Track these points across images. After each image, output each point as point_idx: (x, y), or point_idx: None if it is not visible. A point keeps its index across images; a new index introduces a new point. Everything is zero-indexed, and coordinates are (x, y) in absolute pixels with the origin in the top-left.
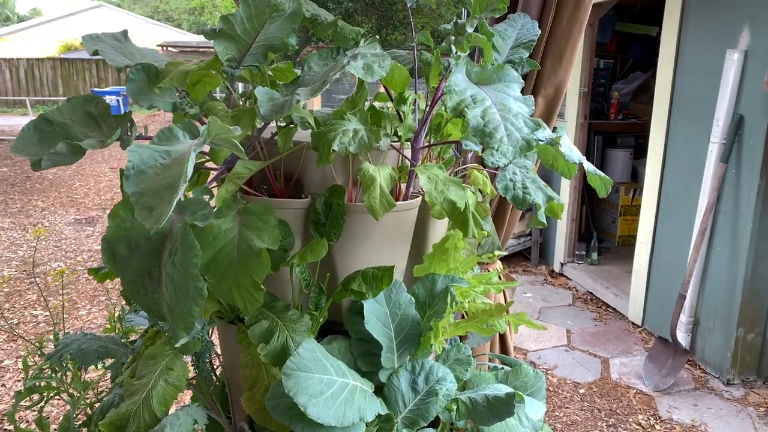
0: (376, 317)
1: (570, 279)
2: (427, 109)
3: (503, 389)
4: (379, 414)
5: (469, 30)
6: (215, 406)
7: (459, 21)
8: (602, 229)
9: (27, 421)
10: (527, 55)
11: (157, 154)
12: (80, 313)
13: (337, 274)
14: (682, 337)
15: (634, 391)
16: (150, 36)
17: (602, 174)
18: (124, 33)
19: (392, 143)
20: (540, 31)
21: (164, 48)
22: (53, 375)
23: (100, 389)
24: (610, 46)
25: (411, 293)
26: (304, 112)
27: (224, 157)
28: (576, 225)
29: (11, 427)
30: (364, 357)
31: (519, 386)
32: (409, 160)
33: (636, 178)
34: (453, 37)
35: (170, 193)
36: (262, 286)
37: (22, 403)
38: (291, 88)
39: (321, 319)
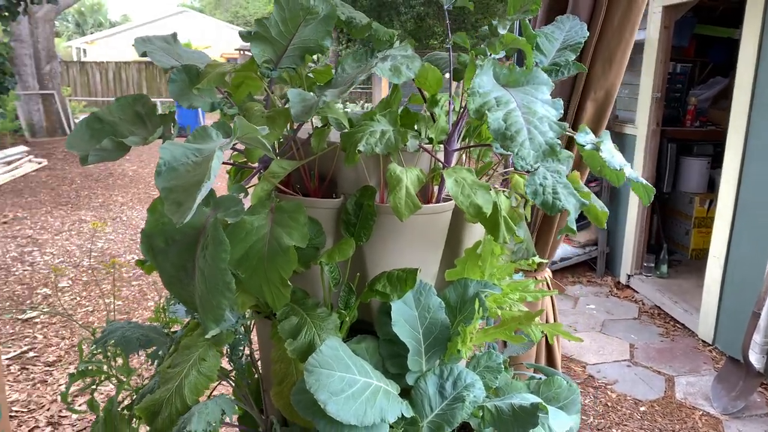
0: (404, 319)
1: (637, 292)
2: (461, 111)
3: (531, 399)
4: (404, 417)
5: (501, 31)
6: (248, 398)
7: (493, 22)
8: (674, 241)
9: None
10: (573, 57)
11: (190, 152)
12: (149, 303)
13: (367, 274)
14: (756, 359)
15: (701, 412)
16: (230, 40)
17: (644, 182)
18: (174, 36)
19: (424, 145)
20: (588, 33)
21: (242, 52)
22: (104, 360)
23: (147, 375)
24: (688, 49)
25: (443, 297)
26: (338, 113)
27: (259, 155)
28: (645, 236)
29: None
30: (393, 359)
31: (551, 397)
32: (441, 162)
33: (713, 188)
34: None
35: (195, 190)
36: (289, 283)
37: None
38: (323, 89)
39: (350, 319)
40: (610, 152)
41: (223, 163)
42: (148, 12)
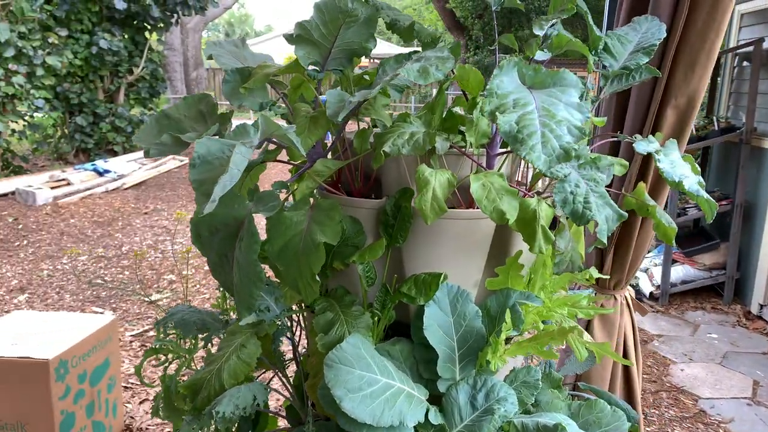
0: (438, 325)
1: None
2: None
3: (559, 419)
4: (432, 423)
5: (537, 32)
6: (290, 389)
7: (536, 21)
8: None
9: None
10: (646, 60)
11: (225, 147)
12: None
13: (405, 276)
14: None
15: None
16: None
17: (707, 196)
18: (242, 40)
19: (461, 149)
20: (668, 35)
21: (371, 60)
22: (177, 340)
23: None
24: None
25: (483, 307)
26: (382, 114)
27: (299, 154)
28: None
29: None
30: (426, 363)
31: (591, 421)
32: (481, 167)
33: None
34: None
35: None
36: (318, 278)
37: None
38: (359, 90)
39: (386, 319)
40: (671, 162)
41: (285, 162)
42: (289, 22)
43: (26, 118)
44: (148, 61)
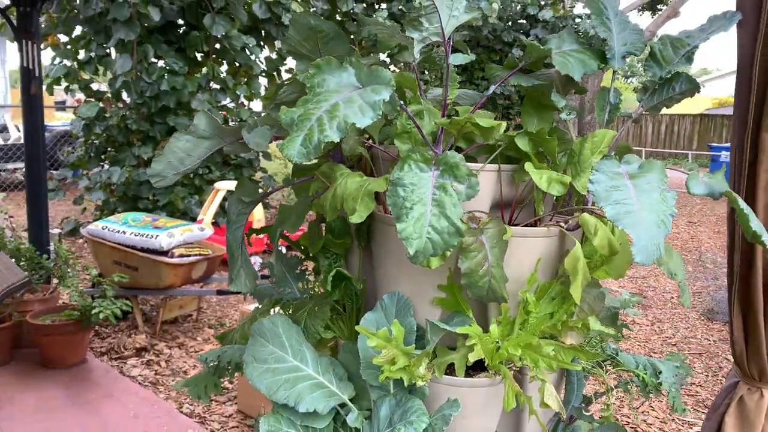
0: (376, 330)
1: None
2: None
3: None
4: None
5: (425, 24)
6: None
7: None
8: None
9: None
10: (684, 68)
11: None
12: None
13: (375, 279)
14: None
15: None
16: None
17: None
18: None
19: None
20: (725, 32)
21: None
22: None
23: None
24: None
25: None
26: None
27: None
28: None
29: None
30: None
31: None
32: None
33: None
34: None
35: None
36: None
37: None
38: None
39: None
40: (612, 185)
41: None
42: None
43: None
44: None
